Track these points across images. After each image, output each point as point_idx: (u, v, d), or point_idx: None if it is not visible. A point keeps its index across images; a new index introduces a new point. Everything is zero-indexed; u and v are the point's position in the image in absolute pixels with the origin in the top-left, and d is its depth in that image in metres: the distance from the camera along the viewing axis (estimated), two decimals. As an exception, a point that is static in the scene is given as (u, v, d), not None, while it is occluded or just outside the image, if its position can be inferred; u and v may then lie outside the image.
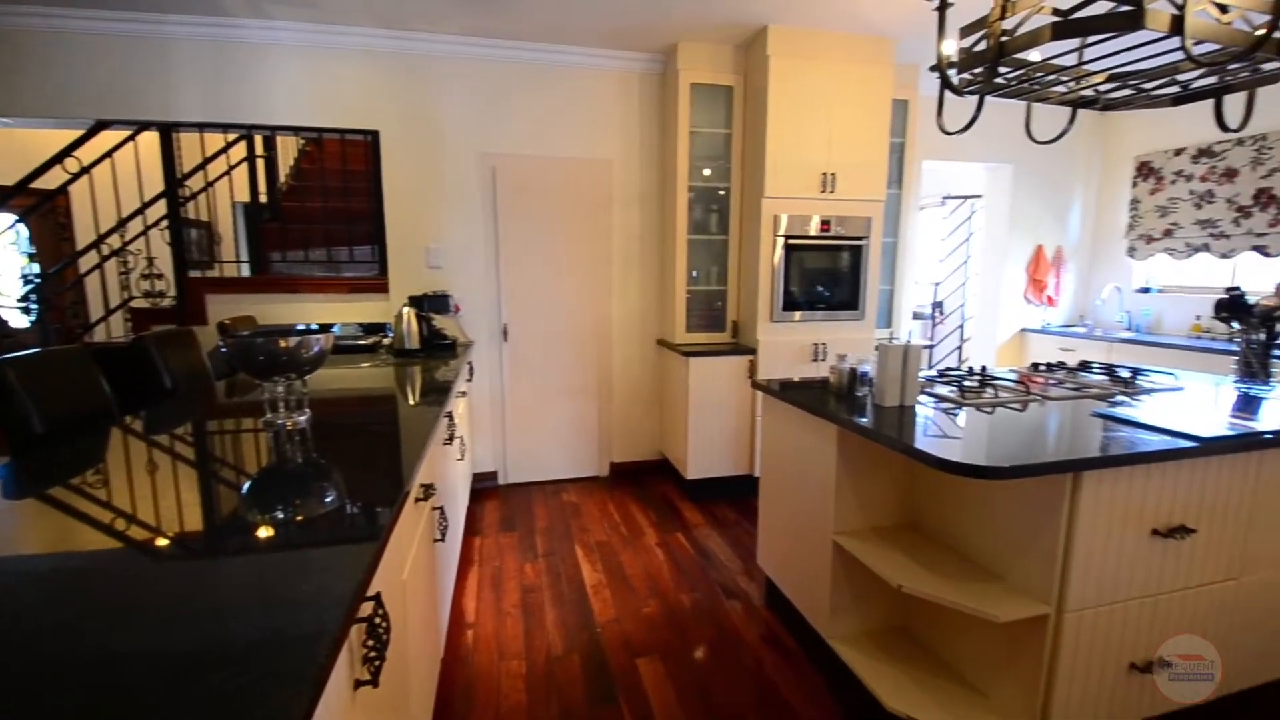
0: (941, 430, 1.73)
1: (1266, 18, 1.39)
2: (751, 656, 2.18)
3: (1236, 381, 2.29)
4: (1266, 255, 3.76)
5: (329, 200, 4.23)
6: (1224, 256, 3.99)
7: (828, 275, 3.61)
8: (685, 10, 3.09)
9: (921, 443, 1.59)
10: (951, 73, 1.77)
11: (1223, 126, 1.89)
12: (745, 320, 3.67)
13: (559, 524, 3.31)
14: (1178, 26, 1.38)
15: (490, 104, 3.56)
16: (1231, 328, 2.33)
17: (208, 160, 4.02)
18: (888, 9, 3.05)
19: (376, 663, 0.92)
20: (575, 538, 3.14)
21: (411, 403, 2.15)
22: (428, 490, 1.60)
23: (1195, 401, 2.03)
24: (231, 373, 2.64)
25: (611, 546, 3.03)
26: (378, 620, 0.95)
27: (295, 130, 3.74)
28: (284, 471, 1.40)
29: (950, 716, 1.62)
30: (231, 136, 4.13)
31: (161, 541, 1.04)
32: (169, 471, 1.42)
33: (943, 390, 2.14)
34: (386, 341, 3.25)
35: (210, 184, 4.22)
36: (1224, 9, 1.45)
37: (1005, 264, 4.71)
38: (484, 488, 3.83)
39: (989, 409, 1.93)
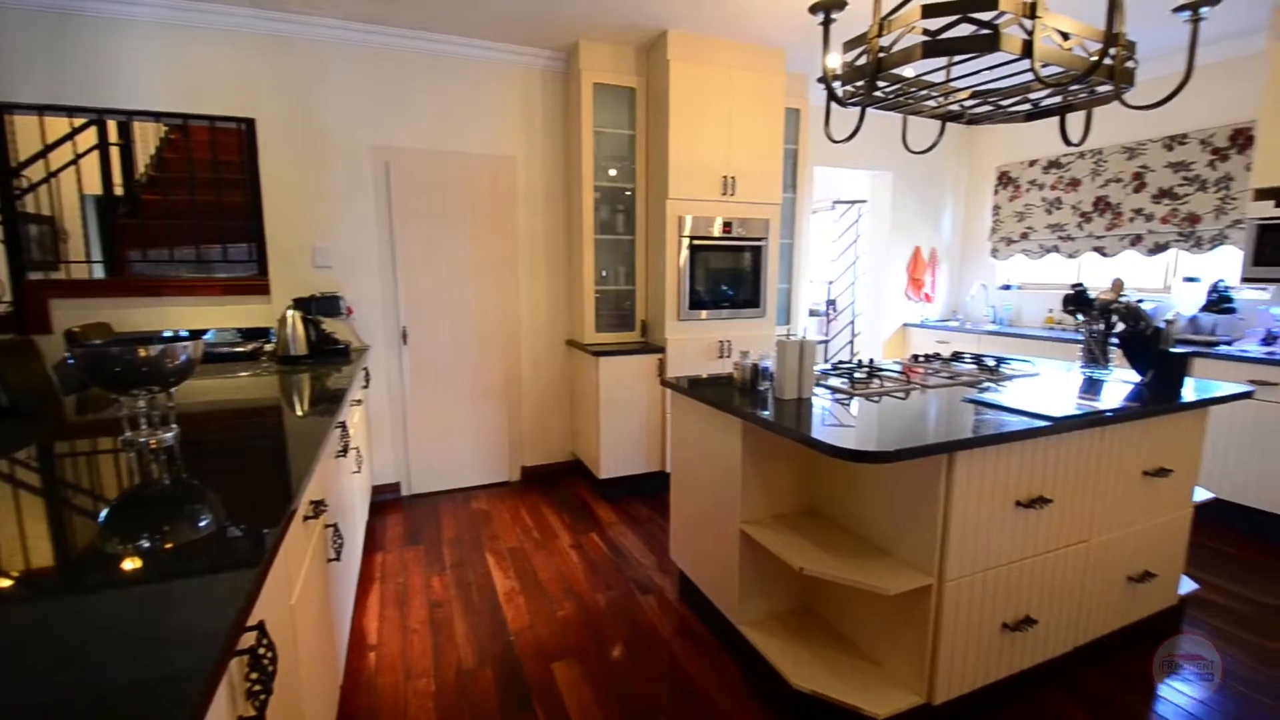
0: (836, 420, 1.84)
1: (1098, 46, 1.59)
2: (666, 650, 2.22)
3: (1082, 367, 2.60)
4: (1104, 255, 4.30)
5: (198, 193, 3.83)
6: (1070, 257, 4.52)
7: (731, 275, 3.73)
8: (580, 8, 3.07)
9: (817, 432, 1.68)
10: (836, 85, 1.88)
11: (1066, 141, 2.14)
12: (654, 319, 3.72)
13: (468, 533, 3.20)
14: (1028, 50, 1.55)
15: (384, 95, 3.38)
16: (1077, 319, 2.64)
17: (49, 148, 3.52)
18: (778, 21, 3.20)
19: (262, 696, 0.84)
20: (486, 546, 3.05)
21: (299, 413, 2.00)
22: (318, 507, 1.49)
23: (1049, 385, 2.28)
24: (83, 387, 2.33)
25: (524, 552, 2.97)
26: (262, 651, 0.87)
27: (156, 116, 3.35)
28: (148, 496, 1.25)
29: (848, 687, 1.73)
30: (79, 121, 3.64)
31: (1, 583, 0.90)
32: (8, 501, 1.23)
33: (836, 382, 2.27)
34: (269, 348, 3.00)
35: (53, 174, 3.69)
36: (1066, 36, 1.64)
37: (888, 264, 5.09)
38: (386, 500, 3.64)
39: (876, 398, 2.07)
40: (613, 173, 3.71)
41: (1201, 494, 2.30)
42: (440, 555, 2.96)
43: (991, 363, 2.66)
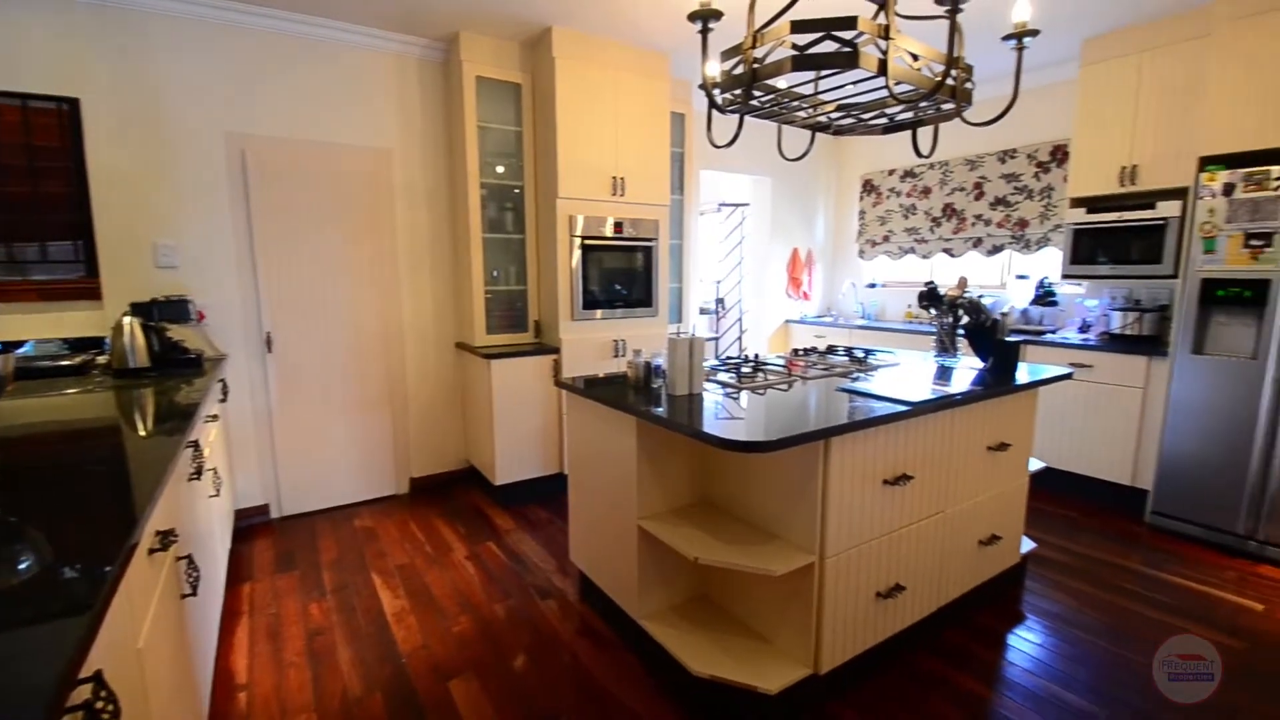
0: (725, 413, 1.91)
1: (942, 67, 1.77)
2: (568, 652, 2.20)
3: (935, 356, 2.89)
4: (952, 256, 4.81)
5: (8, 183, 3.27)
6: (924, 257, 5.02)
7: (624, 274, 3.77)
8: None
9: (708, 426, 1.73)
10: (716, 92, 1.95)
11: (918, 152, 2.37)
12: (547, 320, 3.67)
13: (351, 553, 2.99)
14: (883, 68, 1.70)
15: (239, 78, 3.07)
16: (930, 314, 2.94)
17: None
18: (661, 25, 3.28)
19: (98, 759, 0.73)
20: (371, 565, 2.86)
21: (142, 433, 1.76)
22: (167, 538, 1.33)
23: (909, 374, 2.51)
24: None
25: (415, 568, 2.83)
26: (100, 705, 0.76)
27: (-59, 88, 2.82)
28: (-63, 539, 1.04)
29: (744, 668, 1.80)
30: None
31: None
32: None
33: (725, 377, 2.36)
34: (102, 360, 2.62)
35: None
36: (916, 57, 1.81)
37: (770, 264, 5.38)
38: (253, 524, 3.31)
39: (761, 391, 2.18)
40: (500, 170, 3.62)
41: (1035, 464, 2.64)
42: (319, 580, 2.73)
43: (861, 354, 2.89)
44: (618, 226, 3.62)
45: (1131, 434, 3.35)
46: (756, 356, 2.79)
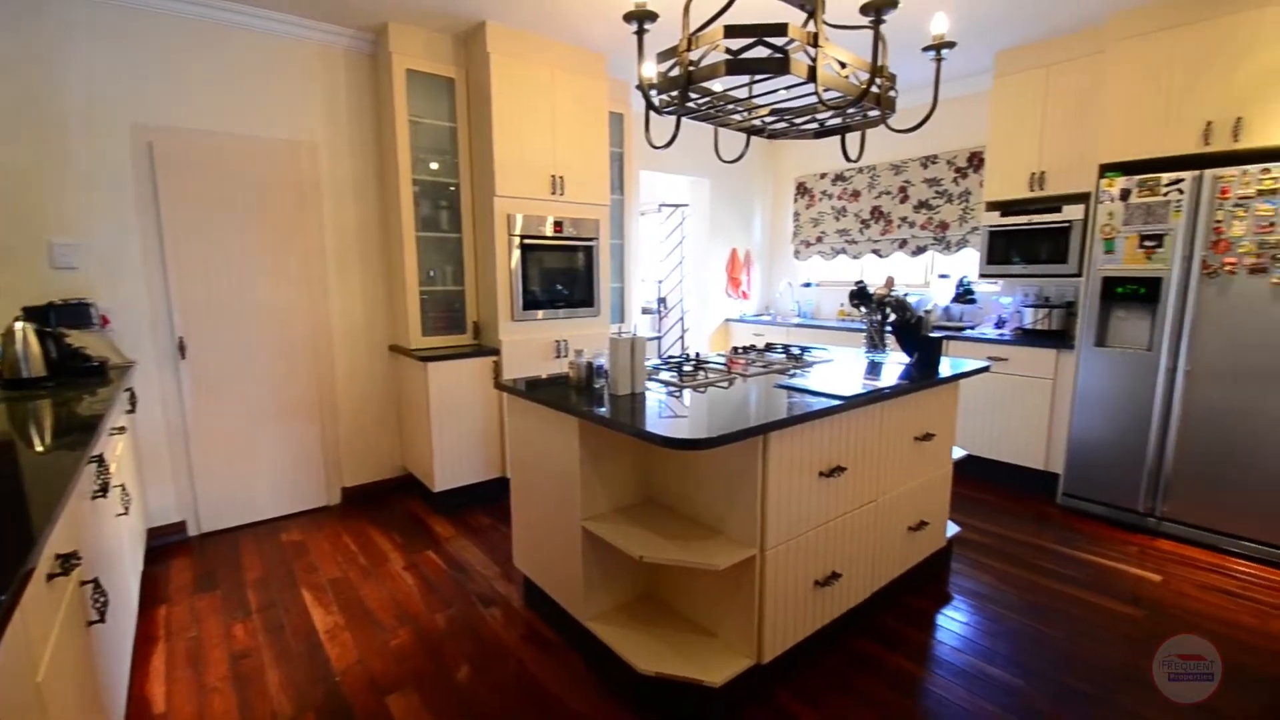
0: (667, 412, 1.93)
1: (867, 76, 1.85)
2: (514, 659, 2.16)
3: (866, 352, 3.01)
4: (880, 256, 5.03)
5: None
6: (855, 258, 5.22)
7: (565, 274, 3.74)
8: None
9: (650, 425, 1.74)
10: (653, 93, 1.97)
11: (846, 157, 2.45)
12: (487, 320, 3.60)
13: (278, 569, 2.84)
14: (813, 75, 1.75)
15: (147, 65, 2.85)
16: (860, 312, 3.06)
17: None
18: (597, 24, 3.28)
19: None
20: (301, 581, 2.72)
21: (38, 449, 1.61)
22: (69, 561, 1.22)
23: (842, 369, 2.61)
24: None
25: (349, 582, 2.71)
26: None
27: None
28: None
29: (689, 663, 1.83)
30: None
31: None
32: None
33: (666, 376, 2.38)
34: (-10, 370, 2.38)
35: None
36: (844, 65, 1.88)
37: (709, 263, 5.47)
38: (168, 543, 3.09)
39: (702, 389, 2.21)
40: (434, 166, 3.52)
41: (958, 452, 2.80)
42: (243, 599, 2.58)
43: (797, 352, 2.97)
44: (558, 226, 3.59)
45: (1043, 422, 3.60)
46: (698, 355, 2.82)
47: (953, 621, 2.39)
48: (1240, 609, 2.44)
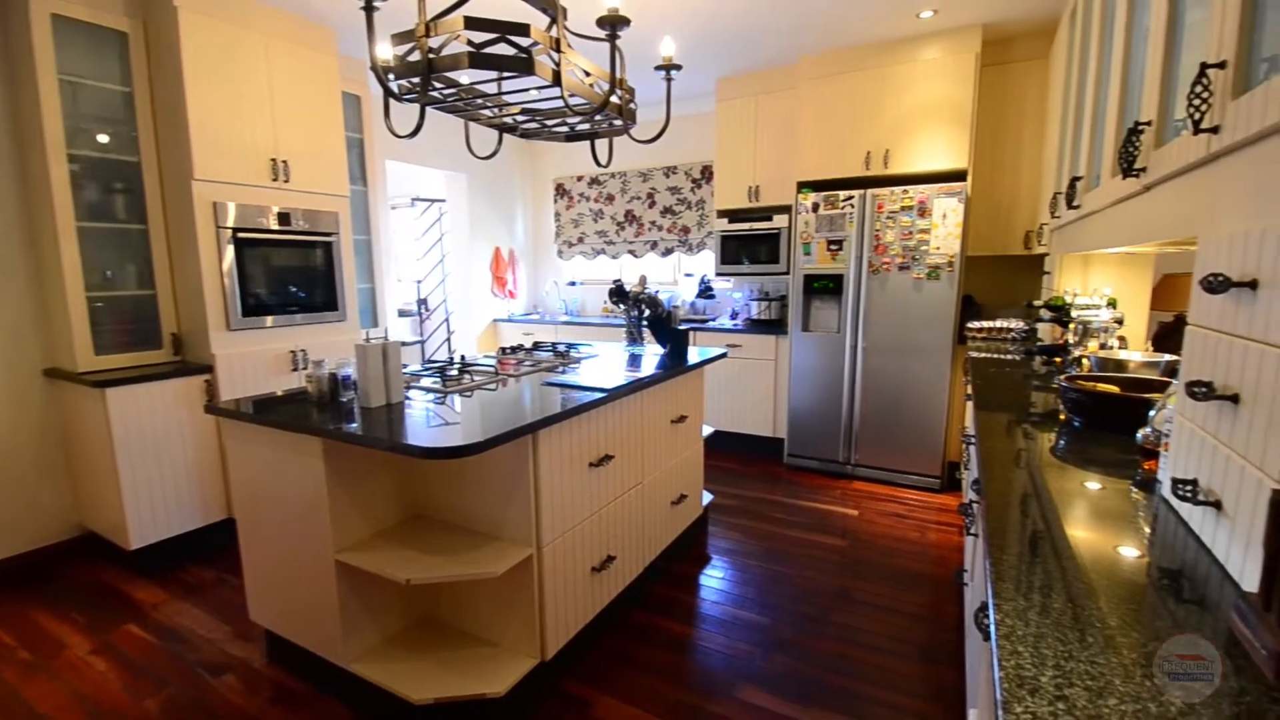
0: (433, 420, 1.81)
1: (607, 86, 1.95)
2: (257, 729, 1.83)
3: (626, 346, 3.21)
4: (635, 257, 5.39)
5: None
6: (614, 258, 5.52)
7: (300, 274, 3.26)
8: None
9: (410, 437, 1.62)
10: (390, 78, 1.81)
11: (597, 162, 2.56)
12: (192, 331, 2.96)
13: None
14: (558, 79, 1.79)
15: None
16: (619, 308, 3.24)
17: None
18: (324, -5, 2.91)
19: None
20: (-90, 703, 1.95)
21: None
22: None
23: (606, 363, 2.74)
24: None
25: (3, 685, 2.02)
26: None
27: None
28: None
29: (470, 680, 1.75)
30: None
31: None
32: None
33: (429, 382, 2.24)
34: None
35: None
36: (588, 73, 1.95)
37: (472, 262, 5.29)
38: None
39: (469, 393, 2.13)
40: (104, 139, 2.78)
41: (707, 429, 3.14)
42: None
43: (564, 349, 3.04)
44: (283, 218, 3.12)
45: (770, 396, 4.24)
46: (464, 358, 2.71)
47: (712, 579, 2.68)
48: (908, 526, 3.19)
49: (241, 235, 2.94)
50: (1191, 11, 1.24)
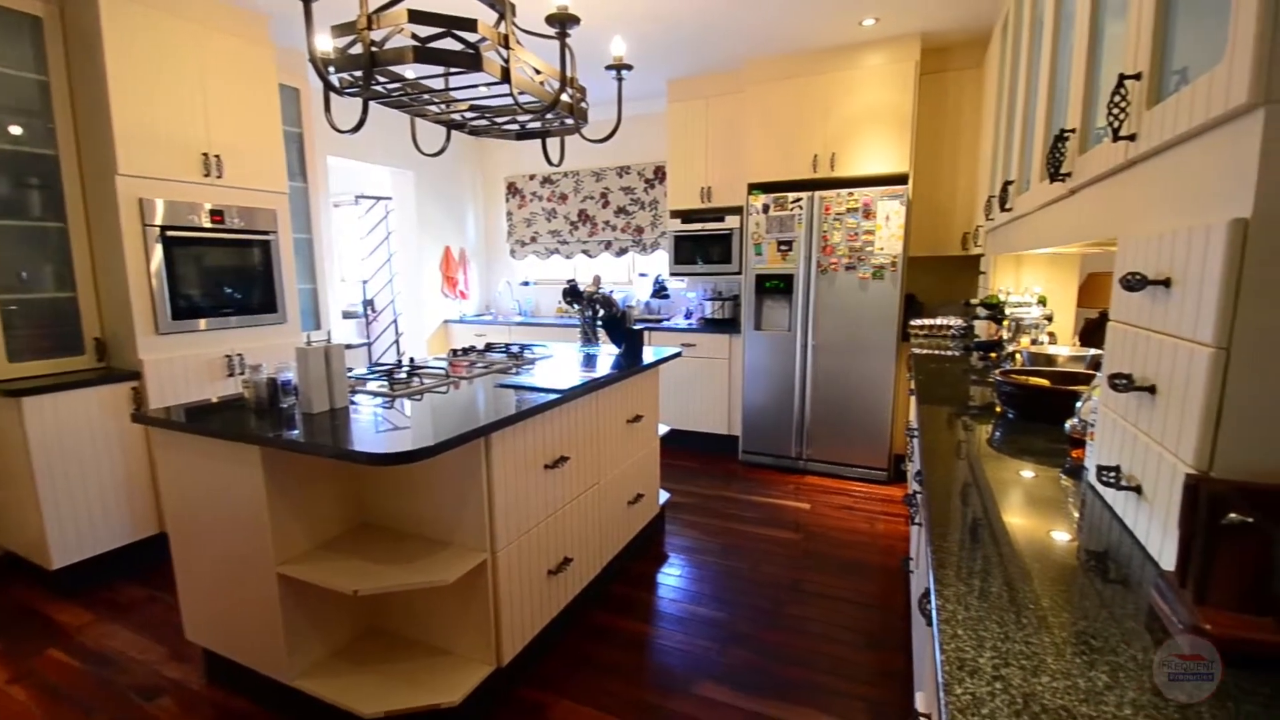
0: (379, 424, 1.76)
1: (558, 84, 1.93)
2: (194, 755, 1.74)
3: (581, 346, 3.19)
4: (590, 256, 5.37)
5: None
6: (568, 258, 5.48)
7: (235, 274, 3.11)
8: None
9: (355, 443, 1.57)
10: (330, 70, 1.75)
11: (549, 161, 2.54)
12: (117, 335, 2.79)
13: None
14: (507, 76, 1.76)
15: None
16: (574, 308, 3.22)
17: None
18: (259, -17, 2.79)
19: None
20: None
21: None
22: None
23: (561, 364, 2.71)
24: None
25: (-105, 726, 1.85)
26: None
27: None
28: None
29: (423, 690, 1.71)
30: None
31: None
32: None
33: (375, 386, 2.17)
34: None
35: None
36: (538, 71, 1.93)
37: (421, 262, 5.16)
38: None
39: (419, 396, 2.07)
40: (16, 131, 2.58)
41: (662, 428, 3.16)
42: None
43: (518, 350, 3.00)
44: (216, 215, 2.97)
45: (724, 394, 4.30)
46: (413, 360, 2.64)
47: (670, 577, 2.70)
48: (857, 518, 3.28)
49: (171, 234, 2.78)
50: (1111, 25, 1.32)
